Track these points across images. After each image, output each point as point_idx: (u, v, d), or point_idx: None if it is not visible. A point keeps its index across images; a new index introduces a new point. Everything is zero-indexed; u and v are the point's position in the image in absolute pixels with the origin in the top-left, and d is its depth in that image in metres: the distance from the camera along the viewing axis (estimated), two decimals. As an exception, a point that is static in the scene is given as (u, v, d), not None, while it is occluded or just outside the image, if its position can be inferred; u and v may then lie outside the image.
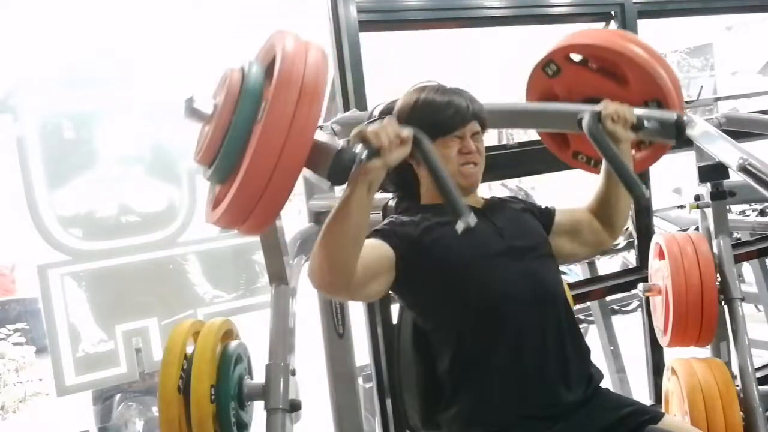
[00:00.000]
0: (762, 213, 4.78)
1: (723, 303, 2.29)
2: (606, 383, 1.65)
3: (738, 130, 2.42)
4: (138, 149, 2.56)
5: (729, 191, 2.39)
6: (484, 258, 1.54)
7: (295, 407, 1.66)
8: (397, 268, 1.51)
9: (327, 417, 2.51)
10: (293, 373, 1.73)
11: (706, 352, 2.43)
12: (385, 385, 2.39)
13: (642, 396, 3.01)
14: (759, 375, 2.48)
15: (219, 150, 1.32)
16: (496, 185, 5.44)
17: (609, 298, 3.60)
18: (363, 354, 2.49)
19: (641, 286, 2.49)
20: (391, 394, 2.36)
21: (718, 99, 4.37)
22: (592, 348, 1.67)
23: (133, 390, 3.07)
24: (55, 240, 2.36)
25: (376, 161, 1.26)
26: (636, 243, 3.07)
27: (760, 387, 2.14)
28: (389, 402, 2.37)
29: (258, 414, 1.74)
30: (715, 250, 2.35)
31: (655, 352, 2.95)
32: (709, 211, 2.42)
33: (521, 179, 6.09)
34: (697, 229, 2.58)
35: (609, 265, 5.15)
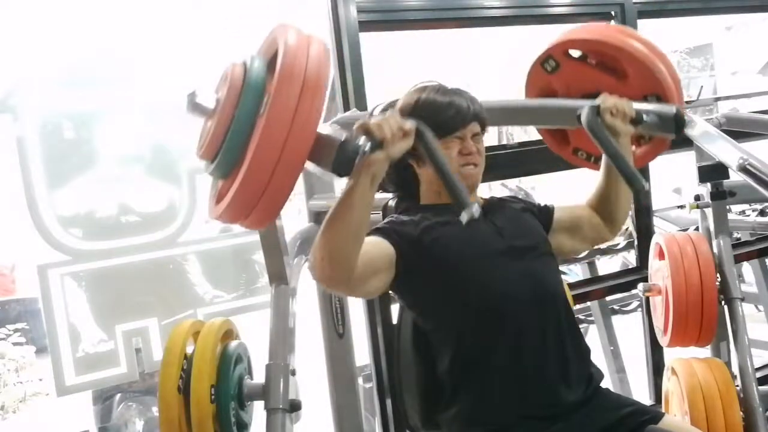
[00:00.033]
0: (762, 213, 4.77)
1: (723, 303, 2.29)
2: (606, 383, 1.65)
3: (738, 130, 2.41)
4: (138, 149, 2.56)
5: (729, 191, 2.39)
6: (484, 258, 1.54)
7: (295, 407, 1.66)
8: (397, 266, 1.51)
9: (327, 417, 2.51)
10: (293, 373, 1.73)
11: (706, 352, 2.43)
12: (385, 385, 2.39)
13: (642, 396, 3.00)
14: (759, 375, 2.48)
15: (221, 145, 1.31)
16: (496, 185, 5.43)
17: (609, 298, 3.61)
18: (363, 354, 2.49)
19: (641, 286, 2.49)
20: (391, 394, 2.36)
21: (718, 99, 4.36)
22: (592, 348, 1.67)
23: (133, 390, 3.07)
24: (55, 240, 2.36)
25: (379, 153, 1.26)
26: (636, 243, 3.07)
27: (760, 387, 2.14)
28: (389, 402, 2.37)
29: (258, 414, 1.74)
30: (715, 250, 2.35)
31: (655, 352, 2.95)
32: (709, 211, 2.42)
33: (521, 179, 6.08)
34: (697, 229, 2.57)
35: (609, 265, 5.14)
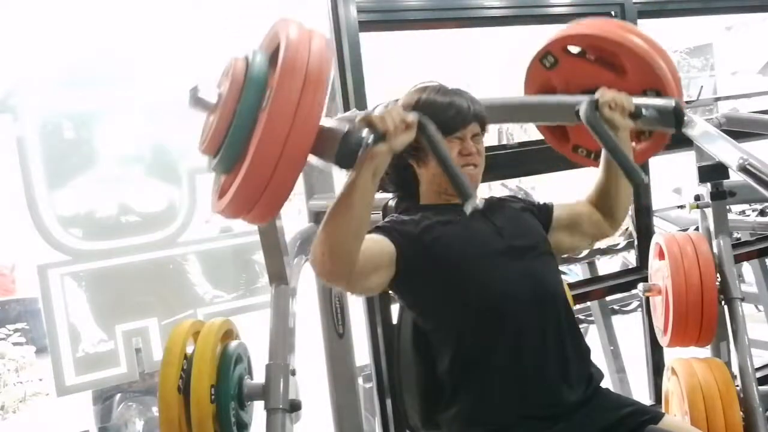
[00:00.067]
0: (762, 213, 4.77)
1: (723, 303, 2.29)
2: (606, 383, 1.65)
3: (738, 130, 2.41)
4: (138, 149, 2.56)
5: (729, 191, 2.39)
6: (484, 258, 1.54)
7: (295, 407, 1.66)
8: (398, 263, 1.51)
9: (327, 417, 2.51)
10: (293, 373, 1.73)
11: (706, 352, 2.43)
12: (385, 385, 2.39)
13: (642, 396, 3.00)
14: (759, 375, 2.47)
15: (224, 139, 1.31)
16: (496, 185, 5.43)
17: (609, 298, 3.60)
18: (363, 354, 2.49)
19: (641, 286, 2.49)
20: (391, 394, 2.36)
21: (718, 99, 4.35)
22: (592, 348, 1.67)
23: (133, 390, 3.07)
24: (55, 240, 2.36)
25: (381, 146, 1.27)
26: (636, 243, 3.07)
27: (760, 387, 2.14)
28: (389, 402, 2.37)
29: (258, 414, 1.74)
30: (715, 250, 2.35)
31: (655, 352, 2.95)
32: (709, 211, 2.42)
33: (521, 179, 6.07)
34: (697, 229, 2.57)
35: (609, 265, 5.14)
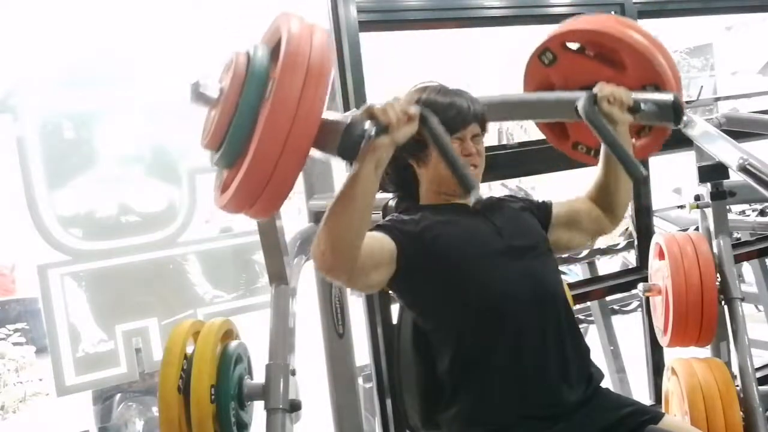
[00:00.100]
0: (762, 213, 4.77)
1: (723, 303, 2.29)
2: (606, 383, 1.65)
3: (738, 130, 2.42)
4: (138, 149, 2.56)
5: (729, 191, 2.39)
6: (484, 257, 1.54)
7: (295, 407, 1.66)
8: (398, 261, 1.51)
9: (327, 417, 2.51)
10: (293, 373, 1.73)
11: (706, 352, 2.43)
12: (385, 385, 2.39)
13: (642, 396, 3.00)
14: (759, 375, 2.47)
15: (226, 134, 1.31)
16: (496, 185, 5.42)
17: (609, 298, 3.60)
18: (363, 354, 2.49)
19: (641, 286, 2.49)
20: (391, 394, 2.36)
21: (718, 99, 4.35)
22: (592, 348, 1.67)
23: (133, 390, 3.07)
24: (55, 240, 2.36)
25: (384, 138, 1.27)
26: (636, 243, 3.06)
27: (760, 387, 2.14)
28: (389, 402, 2.37)
29: (258, 414, 1.74)
30: (715, 250, 2.35)
31: (655, 352, 2.95)
32: (709, 211, 2.42)
33: (521, 179, 6.07)
34: (697, 229, 2.57)
35: (609, 265, 5.14)
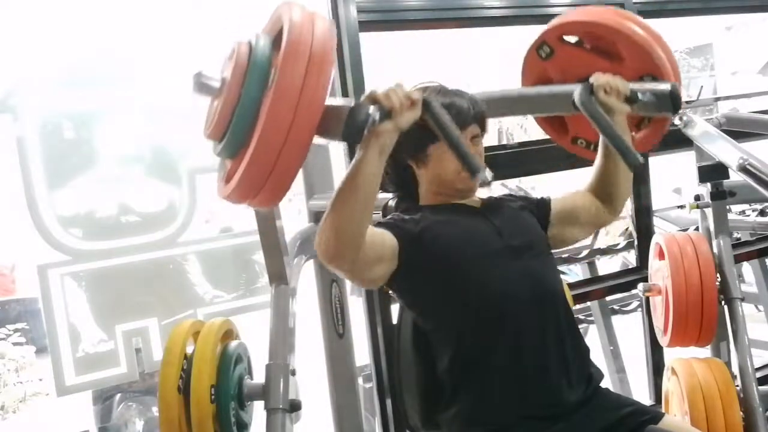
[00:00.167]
0: (762, 213, 4.77)
1: (723, 303, 2.29)
2: (606, 383, 1.65)
3: (738, 130, 2.42)
4: (138, 149, 2.55)
5: (729, 191, 2.39)
6: (483, 257, 1.54)
7: (295, 407, 1.66)
8: (400, 257, 1.51)
9: (327, 417, 2.51)
10: (293, 373, 1.73)
11: (706, 352, 2.43)
12: (385, 385, 2.39)
13: (642, 396, 3.00)
14: (759, 375, 2.48)
15: (229, 124, 1.31)
16: (496, 185, 5.42)
17: (609, 298, 3.60)
18: (363, 354, 2.49)
19: (641, 286, 2.49)
20: (391, 394, 2.36)
21: (718, 99, 4.35)
22: (592, 348, 1.67)
23: (133, 390, 3.07)
24: (55, 240, 2.35)
25: (387, 124, 1.27)
26: (636, 243, 3.06)
27: (760, 387, 2.14)
28: (389, 402, 2.38)
29: (258, 414, 1.74)
30: (715, 250, 2.35)
31: (655, 352, 2.95)
32: (709, 211, 2.42)
33: (521, 179, 6.07)
34: (697, 229, 2.58)
35: (609, 265, 5.14)
